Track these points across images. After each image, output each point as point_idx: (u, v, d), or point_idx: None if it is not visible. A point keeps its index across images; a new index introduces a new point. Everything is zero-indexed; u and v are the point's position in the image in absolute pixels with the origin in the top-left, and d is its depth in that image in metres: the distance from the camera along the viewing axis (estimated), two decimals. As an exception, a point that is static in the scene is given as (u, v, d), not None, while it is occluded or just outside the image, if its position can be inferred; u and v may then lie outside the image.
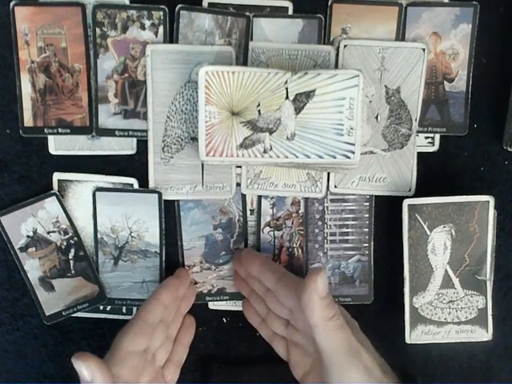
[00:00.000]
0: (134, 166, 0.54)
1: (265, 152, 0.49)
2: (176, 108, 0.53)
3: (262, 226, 0.56)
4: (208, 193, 0.54)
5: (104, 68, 0.53)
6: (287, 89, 0.48)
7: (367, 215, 0.55)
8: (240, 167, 0.54)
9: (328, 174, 0.55)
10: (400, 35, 0.53)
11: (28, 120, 0.53)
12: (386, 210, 0.55)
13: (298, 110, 0.48)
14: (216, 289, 0.56)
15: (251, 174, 0.54)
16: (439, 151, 0.55)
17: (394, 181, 0.55)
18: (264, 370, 0.56)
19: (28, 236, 0.54)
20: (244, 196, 0.55)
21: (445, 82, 0.54)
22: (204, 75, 0.47)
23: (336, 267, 0.56)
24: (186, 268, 0.55)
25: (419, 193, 0.54)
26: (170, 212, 0.55)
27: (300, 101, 0.48)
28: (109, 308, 0.56)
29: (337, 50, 0.53)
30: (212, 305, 0.57)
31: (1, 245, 0.54)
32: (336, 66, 0.53)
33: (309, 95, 0.48)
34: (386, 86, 0.53)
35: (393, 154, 0.54)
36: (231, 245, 0.56)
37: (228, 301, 0.56)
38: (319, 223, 0.55)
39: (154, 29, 0.52)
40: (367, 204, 0.55)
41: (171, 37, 0.52)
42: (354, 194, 0.55)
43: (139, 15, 0.52)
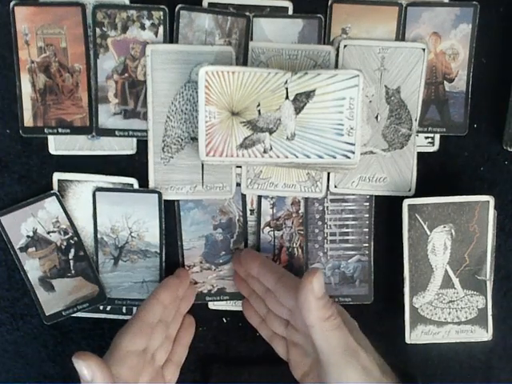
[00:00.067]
0: (134, 166, 0.54)
1: (265, 152, 0.49)
2: (176, 108, 0.53)
3: (262, 226, 0.56)
4: (208, 193, 0.54)
5: (104, 68, 0.53)
6: (287, 89, 0.48)
7: (367, 215, 0.55)
8: (240, 167, 0.54)
9: (328, 174, 0.55)
10: (400, 35, 0.53)
11: (28, 120, 0.53)
12: (386, 210, 0.55)
13: (298, 110, 0.48)
14: (216, 289, 0.56)
15: (251, 174, 0.54)
16: (439, 151, 0.55)
17: (394, 181, 0.55)
18: (264, 370, 0.56)
19: (28, 236, 0.54)
20: (244, 196, 0.55)
21: (445, 82, 0.54)
22: (204, 75, 0.47)
23: (336, 267, 0.56)
24: (186, 268, 0.55)
25: (419, 193, 0.54)
26: (170, 212, 0.55)
27: (300, 101, 0.48)
28: (109, 308, 0.56)
29: (337, 50, 0.53)
30: (212, 305, 0.57)
31: (1, 245, 0.54)
32: (336, 66, 0.53)
33: (309, 95, 0.48)
34: (386, 86, 0.53)
35: (393, 154, 0.54)
36: (231, 245, 0.56)
37: (228, 301, 0.56)
38: (319, 223, 0.55)
39: (154, 29, 0.52)
40: (367, 204, 0.55)
41: (171, 37, 0.52)
42: (354, 194, 0.55)
43: (139, 15, 0.52)
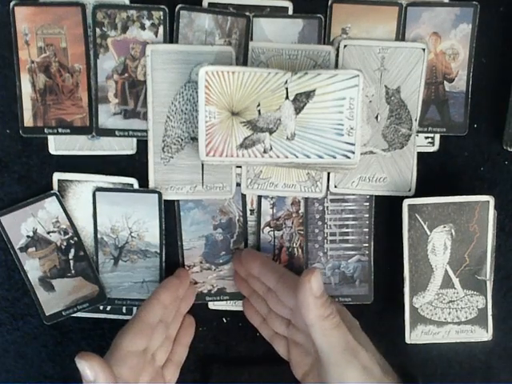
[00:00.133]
0: (134, 166, 0.54)
1: (265, 152, 0.49)
2: (176, 108, 0.53)
3: (262, 226, 0.56)
4: (208, 193, 0.54)
5: (104, 68, 0.53)
6: (287, 89, 0.48)
7: (367, 215, 0.55)
8: (240, 167, 0.54)
9: (328, 174, 0.55)
10: (400, 35, 0.53)
11: (28, 120, 0.53)
12: (386, 210, 0.55)
13: (298, 110, 0.48)
14: (216, 289, 0.56)
15: (251, 174, 0.54)
16: (439, 151, 0.55)
17: (394, 181, 0.55)
18: (264, 370, 0.56)
19: (28, 236, 0.54)
20: (244, 196, 0.55)
21: (445, 82, 0.54)
22: (204, 75, 0.47)
23: (336, 267, 0.56)
24: (186, 268, 0.55)
25: (419, 193, 0.54)
26: (170, 212, 0.55)
27: (300, 101, 0.48)
28: (109, 308, 0.56)
29: (337, 50, 0.53)
30: (212, 305, 0.57)
31: (1, 245, 0.54)
32: (336, 66, 0.53)
33: (309, 95, 0.48)
34: (386, 86, 0.53)
35: (393, 154, 0.54)
36: (231, 245, 0.56)
37: (228, 301, 0.56)
38: (319, 223, 0.55)
39: (154, 29, 0.52)
40: (367, 204, 0.55)
41: (171, 37, 0.52)
42: (354, 194, 0.55)
43: (139, 15, 0.52)
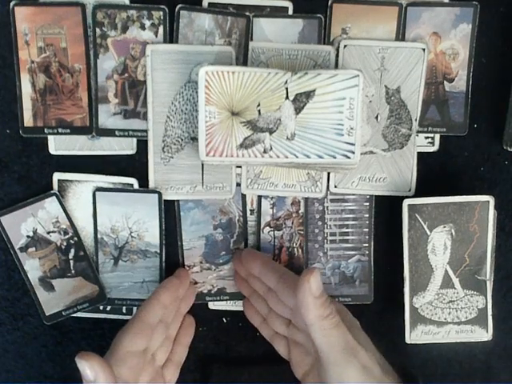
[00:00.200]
0: (134, 166, 0.54)
1: (265, 152, 0.49)
2: (176, 108, 0.53)
3: (262, 226, 0.56)
4: (208, 193, 0.54)
5: (104, 68, 0.53)
6: (287, 89, 0.48)
7: (367, 215, 0.55)
8: (240, 167, 0.54)
9: (328, 174, 0.55)
10: (400, 35, 0.53)
11: (28, 120, 0.53)
12: (386, 210, 0.55)
13: (298, 110, 0.48)
14: (216, 289, 0.56)
15: (251, 174, 0.54)
16: (439, 151, 0.55)
17: (394, 181, 0.55)
18: (264, 370, 0.56)
19: (28, 236, 0.54)
20: (244, 196, 0.55)
21: (445, 82, 0.54)
22: (204, 75, 0.47)
23: (336, 267, 0.56)
24: (186, 268, 0.55)
25: (419, 193, 0.54)
26: (170, 212, 0.55)
27: (300, 101, 0.48)
28: (109, 308, 0.56)
29: (337, 50, 0.53)
30: (212, 305, 0.57)
31: (1, 245, 0.54)
32: (336, 66, 0.53)
33: (309, 95, 0.48)
34: (386, 86, 0.53)
35: (393, 154, 0.54)
36: (231, 245, 0.56)
37: (228, 301, 0.56)
38: (319, 223, 0.55)
39: (154, 29, 0.52)
40: (367, 204, 0.55)
41: (171, 37, 0.52)
42: (354, 194, 0.55)
43: (139, 15, 0.52)
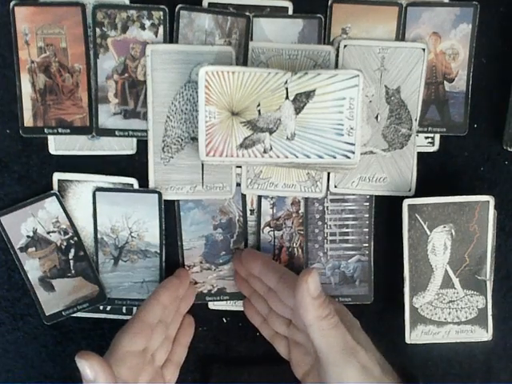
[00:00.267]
0: (134, 166, 0.54)
1: (265, 152, 0.49)
2: (176, 108, 0.53)
3: (262, 226, 0.56)
4: (208, 193, 0.54)
5: (104, 68, 0.53)
6: (287, 89, 0.48)
7: (367, 215, 0.55)
8: (240, 167, 0.54)
9: (328, 174, 0.55)
10: (400, 35, 0.53)
11: (28, 120, 0.53)
12: (386, 210, 0.55)
13: (298, 110, 0.48)
14: (216, 289, 0.56)
15: (251, 174, 0.54)
16: (439, 151, 0.55)
17: (394, 181, 0.55)
18: (264, 370, 0.56)
19: (28, 236, 0.54)
20: (244, 196, 0.55)
21: (445, 82, 0.54)
22: (204, 75, 0.47)
23: (336, 267, 0.56)
24: (186, 268, 0.55)
25: (419, 193, 0.54)
26: (170, 212, 0.55)
27: (300, 101, 0.48)
28: (109, 308, 0.56)
29: (337, 50, 0.53)
30: (212, 305, 0.57)
31: (1, 245, 0.54)
32: (336, 66, 0.53)
33: (309, 95, 0.48)
34: (386, 86, 0.53)
35: (393, 154, 0.54)
36: (231, 245, 0.56)
37: (228, 301, 0.56)
38: (319, 223, 0.55)
39: (154, 29, 0.52)
40: (367, 204, 0.55)
41: (171, 37, 0.52)
42: (354, 194, 0.55)
43: (139, 15, 0.52)
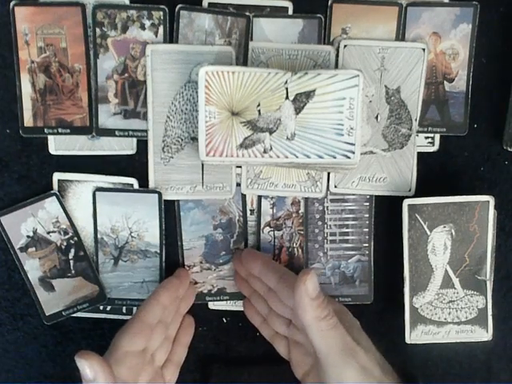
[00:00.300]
0: (134, 166, 0.54)
1: (265, 152, 0.49)
2: (176, 108, 0.53)
3: (262, 226, 0.56)
4: (208, 193, 0.54)
5: (104, 68, 0.53)
6: (287, 89, 0.48)
7: (367, 215, 0.55)
8: (240, 167, 0.54)
9: (328, 174, 0.55)
10: (400, 35, 0.53)
11: (28, 120, 0.53)
12: (386, 210, 0.55)
13: (298, 110, 0.48)
14: (216, 289, 0.56)
15: (251, 174, 0.54)
16: (439, 151, 0.55)
17: (394, 181, 0.55)
18: (264, 370, 0.56)
19: (28, 236, 0.54)
20: (244, 196, 0.55)
21: (445, 82, 0.54)
22: (204, 75, 0.47)
23: (336, 267, 0.56)
24: (186, 268, 0.55)
25: (419, 193, 0.54)
26: (170, 212, 0.55)
27: (300, 101, 0.48)
28: (109, 308, 0.56)
29: (337, 50, 0.53)
30: (212, 305, 0.57)
31: (1, 245, 0.54)
32: (336, 66, 0.53)
33: (309, 95, 0.48)
34: (386, 86, 0.53)
35: (393, 154, 0.54)
36: (231, 245, 0.56)
37: (228, 301, 0.56)
38: (319, 223, 0.55)
39: (154, 29, 0.52)
40: (367, 204, 0.55)
41: (171, 37, 0.52)
42: (354, 194, 0.55)
43: (139, 15, 0.52)
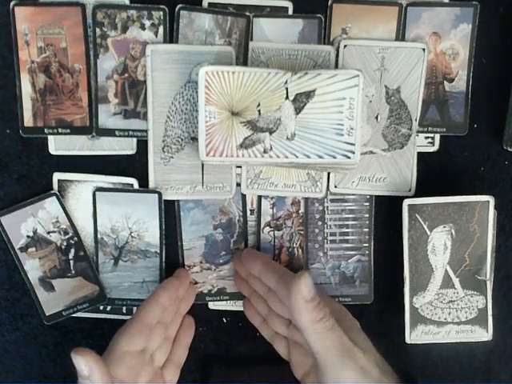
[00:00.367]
0: (134, 166, 0.54)
1: (265, 152, 0.49)
2: (176, 108, 0.53)
3: (262, 226, 0.56)
4: (208, 193, 0.54)
5: (104, 68, 0.53)
6: (287, 89, 0.48)
7: (367, 215, 0.55)
8: (240, 167, 0.54)
9: (328, 174, 0.55)
10: (400, 35, 0.53)
11: (28, 120, 0.53)
12: (386, 210, 0.55)
13: (298, 110, 0.48)
14: (216, 289, 0.56)
15: (251, 174, 0.54)
16: (439, 151, 0.55)
17: (394, 181, 0.55)
18: (264, 370, 0.56)
19: (28, 236, 0.54)
20: (244, 196, 0.55)
21: (445, 82, 0.54)
22: (204, 75, 0.47)
23: (336, 267, 0.56)
24: (186, 268, 0.55)
25: (419, 193, 0.54)
26: (170, 212, 0.55)
27: (300, 101, 0.48)
28: (109, 308, 0.56)
29: (337, 50, 0.53)
30: (212, 305, 0.57)
31: (1, 245, 0.54)
32: (336, 66, 0.53)
33: (309, 95, 0.48)
34: (386, 86, 0.53)
35: (393, 154, 0.54)
36: (231, 245, 0.56)
37: (228, 301, 0.56)
38: (319, 223, 0.55)
39: (154, 29, 0.52)
40: (367, 204, 0.55)
41: (171, 37, 0.52)
42: (354, 194, 0.55)
43: (139, 15, 0.52)
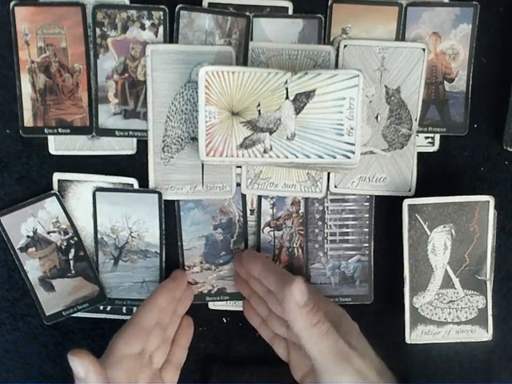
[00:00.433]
0: (134, 166, 0.54)
1: (265, 152, 0.49)
2: (176, 108, 0.53)
3: (262, 226, 0.56)
4: (208, 193, 0.54)
5: (104, 68, 0.53)
6: (287, 89, 0.48)
7: (367, 215, 0.55)
8: (240, 167, 0.54)
9: (328, 174, 0.55)
10: (400, 35, 0.53)
11: (28, 120, 0.53)
12: (386, 210, 0.55)
13: (298, 110, 0.48)
14: (216, 289, 0.56)
15: (251, 174, 0.54)
16: (439, 151, 0.55)
17: (394, 181, 0.55)
18: (264, 370, 0.56)
19: (28, 236, 0.54)
20: (244, 196, 0.55)
21: (445, 82, 0.54)
22: (204, 75, 0.47)
23: (336, 267, 0.56)
24: (186, 268, 0.55)
25: (419, 193, 0.54)
26: (170, 212, 0.55)
27: (300, 101, 0.48)
28: (109, 308, 0.56)
29: (337, 50, 0.53)
30: (212, 305, 0.57)
31: (1, 245, 0.54)
32: (336, 66, 0.53)
33: (309, 95, 0.48)
34: (386, 86, 0.53)
35: (393, 154, 0.54)
36: (231, 245, 0.56)
37: (228, 301, 0.56)
38: (319, 223, 0.55)
39: (154, 29, 0.52)
40: (367, 204, 0.55)
41: (171, 37, 0.52)
42: (354, 194, 0.55)
43: (139, 15, 0.52)
